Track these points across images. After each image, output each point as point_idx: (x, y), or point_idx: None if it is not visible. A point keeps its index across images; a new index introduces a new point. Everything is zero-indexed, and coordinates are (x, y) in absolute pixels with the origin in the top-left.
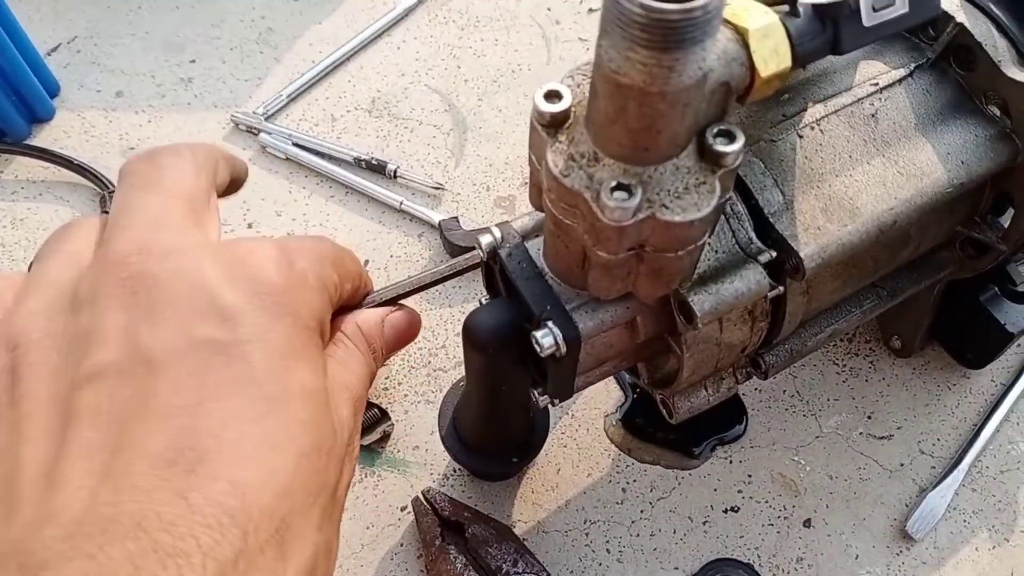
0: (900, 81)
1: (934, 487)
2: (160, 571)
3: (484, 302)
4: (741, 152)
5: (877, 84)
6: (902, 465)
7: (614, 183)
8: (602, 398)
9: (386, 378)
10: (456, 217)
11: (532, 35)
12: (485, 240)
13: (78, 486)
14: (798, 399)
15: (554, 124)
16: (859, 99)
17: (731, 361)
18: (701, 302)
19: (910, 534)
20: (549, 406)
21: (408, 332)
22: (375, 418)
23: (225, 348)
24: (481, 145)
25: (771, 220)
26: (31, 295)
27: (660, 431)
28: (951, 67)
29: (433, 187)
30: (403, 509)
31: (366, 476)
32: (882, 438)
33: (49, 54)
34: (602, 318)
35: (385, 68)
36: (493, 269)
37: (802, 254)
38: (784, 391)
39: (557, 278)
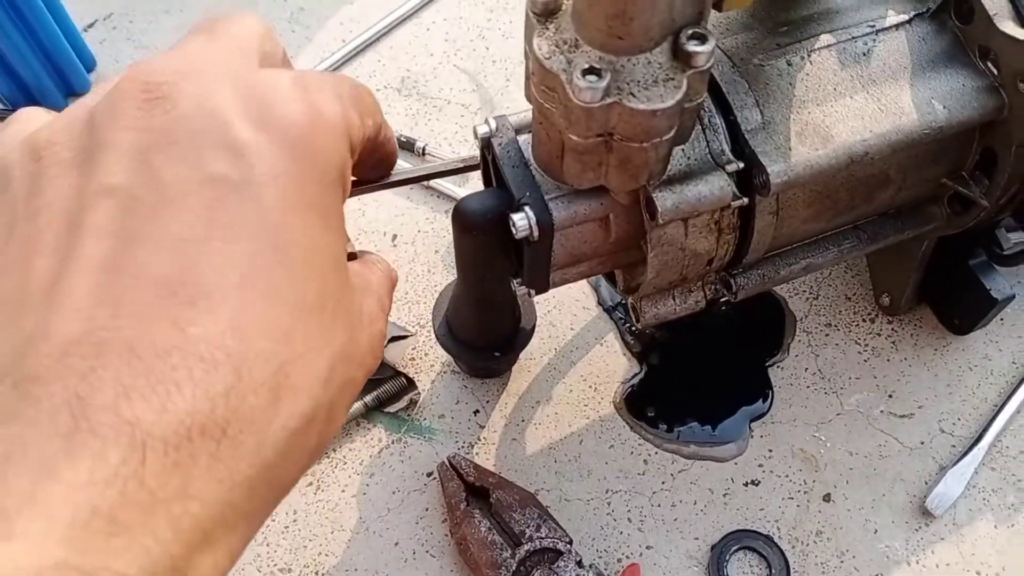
0: (898, 26)
1: (953, 465)
2: (149, 395)
3: None
4: (711, 55)
5: (874, 26)
6: (922, 443)
7: (586, 66)
8: (623, 373)
9: (413, 348)
10: (480, 191)
11: None
12: (481, 130)
13: (78, 306)
14: (820, 377)
15: (546, 13)
16: (854, 37)
17: (698, 272)
18: (664, 199)
19: (929, 511)
20: (535, 309)
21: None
22: (402, 386)
23: (237, 187)
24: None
25: (746, 136)
26: (66, 112)
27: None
28: (950, 18)
29: (454, 159)
30: (429, 475)
31: (393, 442)
32: (903, 416)
33: (86, 30)
34: (576, 210)
35: (414, 48)
36: (488, 163)
37: (769, 170)
38: (806, 368)
39: (541, 170)
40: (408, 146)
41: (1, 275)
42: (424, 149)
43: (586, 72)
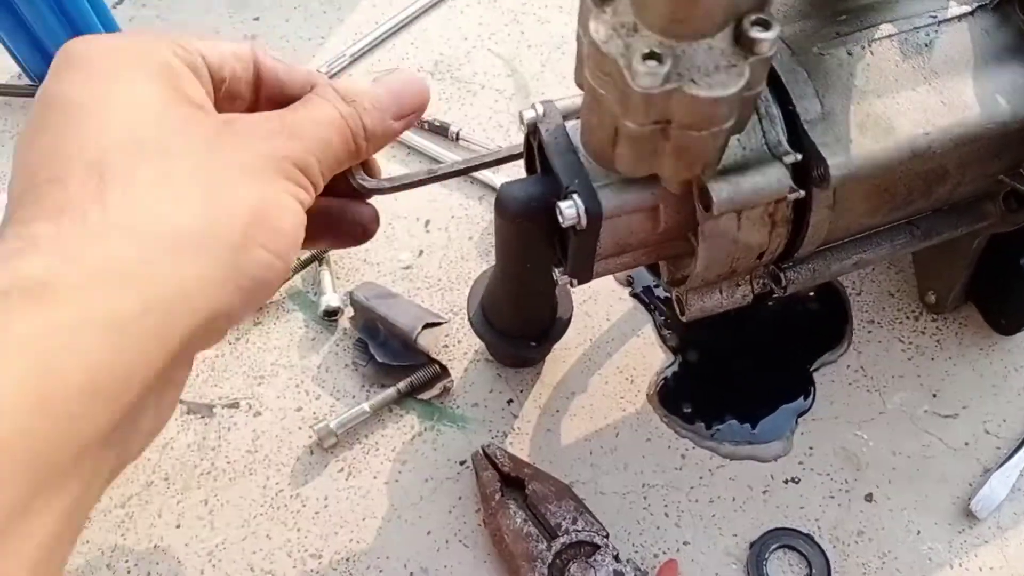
0: (961, 17)
1: (999, 467)
2: (37, 198)
3: None
4: (774, 42)
5: (936, 17)
6: (966, 444)
7: (646, 50)
8: (660, 366)
9: (446, 336)
10: (523, 178)
11: None
12: (528, 115)
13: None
14: (862, 374)
15: None
16: (915, 28)
17: (748, 266)
18: (720, 190)
19: (973, 513)
20: (572, 300)
21: (408, 90)
22: (435, 373)
23: (45, 112)
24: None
25: (805, 127)
26: None
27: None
28: (1015, 12)
29: (494, 151)
30: (462, 463)
31: (426, 430)
32: (947, 417)
33: (115, 7)
34: (626, 199)
35: (448, 32)
36: (533, 149)
37: (829, 162)
38: (848, 366)
39: (590, 157)
40: (442, 131)
41: None
42: (458, 134)
43: (646, 57)
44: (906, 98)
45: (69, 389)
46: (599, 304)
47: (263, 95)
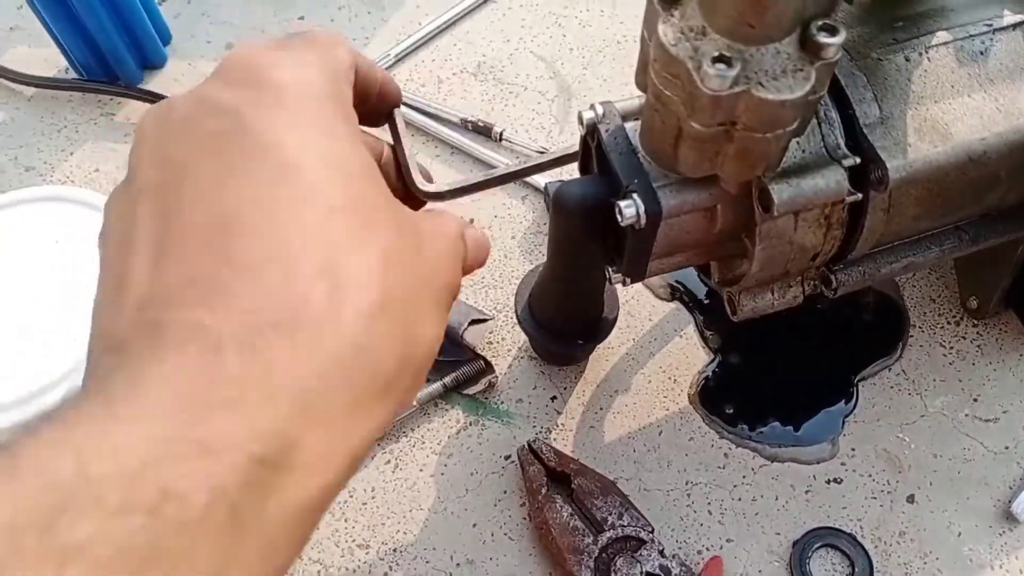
0: (1015, 26)
1: None
2: (211, 306)
3: None
4: (840, 47)
5: (991, 26)
6: (1007, 448)
7: (716, 54)
8: (703, 366)
9: (491, 332)
10: (561, 181)
11: (638, 6)
12: (587, 116)
13: (141, 275)
14: (904, 377)
15: (670, 0)
16: (971, 35)
17: (801, 267)
18: (780, 191)
19: (1014, 515)
20: (618, 295)
21: (483, 248)
22: (480, 369)
23: (230, 134)
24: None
25: (864, 131)
26: None
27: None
28: None
29: (538, 151)
30: (506, 458)
31: (471, 424)
32: (988, 420)
33: (162, 3)
34: (685, 198)
35: (491, 33)
36: (590, 150)
37: (888, 165)
38: (890, 368)
39: (649, 157)
40: (485, 131)
41: (107, 271)
42: (501, 135)
43: (716, 60)
44: (962, 104)
45: None
46: (642, 304)
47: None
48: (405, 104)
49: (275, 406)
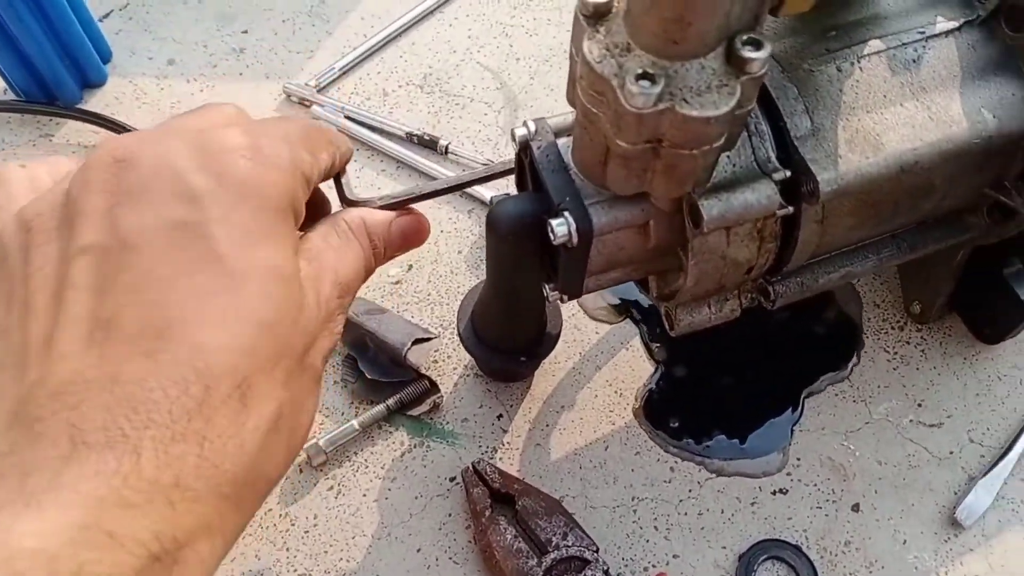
0: (948, 33)
1: (983, 476)
2: (132, 415)
3: None
4: (766, 61)
5: (923, 33)
6: (951, 453)
7: (640, 71)
8: (647, 377)
9: (436, 351)
10: (507, 194)
11: None
12: (519, 133)
13: (66, 355)
14: (848, 384)
15: (596, 15)
16: (903, 44)
17: (736, 281)
18: (710, 207)
19: (959, 521)
20: (561, 311)
21: (416, 236)
22: (425, 389)
23: (192, 228)
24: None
25: (795, 143)
26: (52, 186)
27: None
28: (1000, 27)
29: (484, 164)
30: (452, 480)
31: (415, 447)
32: (932, 426)
33: (102, 20)
34: (617, 215)
35: (437, 44)
36: (524, 165)
37: (819, 178)
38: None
39: (581, 174)
40: (431, 144)
41: (6, 335)
42: (447, 148)
43: (639, 77)
44: (894, 114)
45: None
46: (588, 318)
47: None
48: (349, 119)
49: (175, 514)
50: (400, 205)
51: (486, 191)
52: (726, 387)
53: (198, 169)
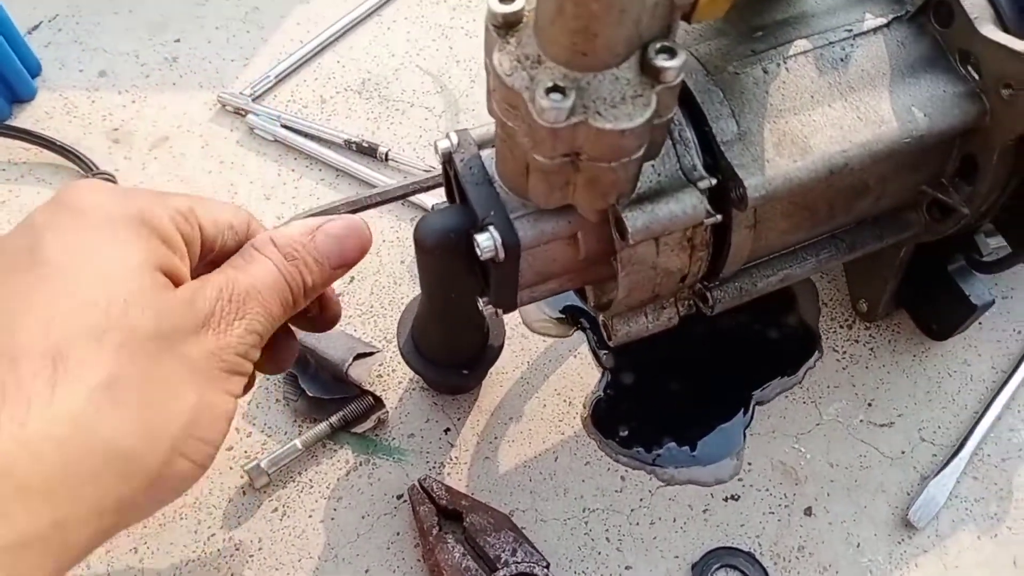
0: (876, 30)
1: (935, 475)
2: None
3: None
4: (681, 70)
5: (851, 31)
6: (903, 453)
7: (550, 84)
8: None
9: (380, 365)
10: (442, 208)
11: None
12: (442, 145)
13: None
14: (798, 386)
15: (506, 25)
16: (831, 43)
17: (671, 289)
18: (635, 219)
19: (912, 522)
20: (503, 322)
21: (351, 238)
22: (369, 405)
23: (26, 248)
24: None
25: (722, 148)
26: None
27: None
28: (930, 22)
29: (425, 170)
30: (399, 498)
31: (361, 464)
32: (883, 425)
33: (30, 32)
34: (543, 228)
35: (375, 49)
36: (450, 179)
37: (747, 183)
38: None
39: (506, 187)
40: (370, 151)
41: None
42: (387, 155)
43: (550, 90)
44: (822, 115)
45: None
46: None
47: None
48: (286, 127)
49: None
50: (326, 214)
51: (429, 199)
52: (675, 393)
53: (46, 210)
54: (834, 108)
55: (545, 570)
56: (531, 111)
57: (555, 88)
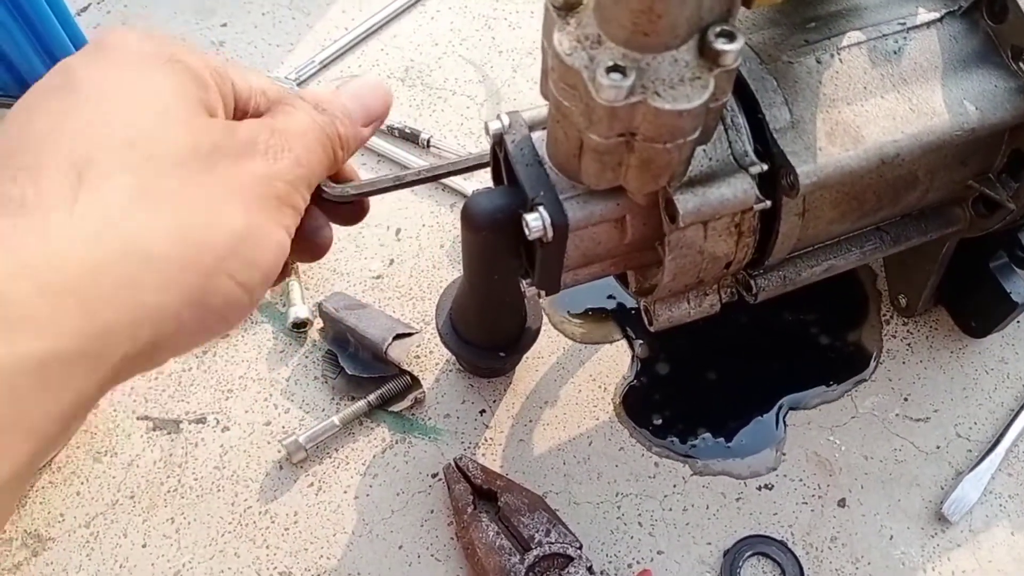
0: (929, 24)
1: (970, 470)
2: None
3: None
4: (739, 53)
5: (904, 24)
6: (938, 448)
7: (610, 63)
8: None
9: (417, 346)
10: (489, 189)
11: None
12: (493, 126)
13: None
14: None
15: (566, 7)
16: (884, 35)
17: (715, 275)
18: (686, 201)
19: (946, 517)
20: (542, 307)
21: (370, 95)
22: (406, 384)
23: (63, 83)
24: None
25: (775, 135)
26: None
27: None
28: (982, 18)
29: (462, 158)
30: (434, 476)
31: (397, 442)
32: (918, 420)
33: (79, 14)
34: (592, 210)
35: (418, 37)
36: (499, 161)
37: (799, 171)
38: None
39: (556, 168)
40: (412, 138)
41: None
42: (429, 141)
43: (610, 70)
44: (875, 105)
45: None
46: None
47: None
48: None
49: None
50: (377, 193)
51: (468, 184)
52: (712, 383)
53: (81, 52)
54: (887, 99)
55: (578, 551)
56: (590, 90)
57: (615, 68)
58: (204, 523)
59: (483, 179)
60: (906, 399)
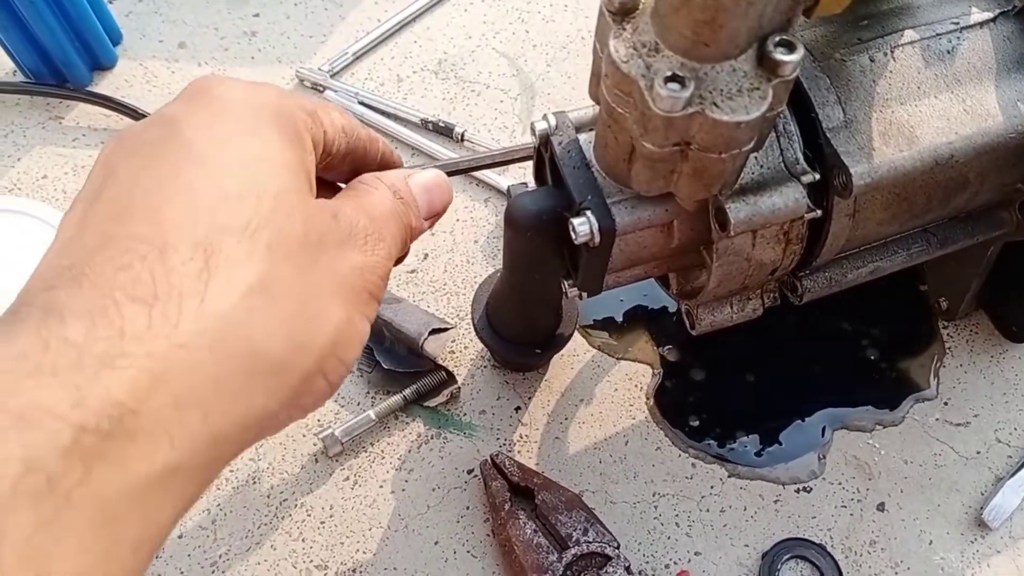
0: (982, 24)
1: (1011, 476)
2: (126, 264)
3: None
4: (798, 64)
5: (957, 24)
6: (978, 453)
7: (669, 73)
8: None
9: (453, 341)
10: (525, 183)
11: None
12: (540, 127)
13: (77, 239)
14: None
15: (622, 12)
16: (937, 34)
17: (759, 281)
18: (737, 210)
19: (986, 522)
20: (578, 303)
21: (436, 190)
22: (442, 380)
23: (166, 137)
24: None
25: (828, 135)
26: None
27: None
28: None
29: (497, 151)
30: (470, 472)
31: (432, 438)
32: (958, 425)
33: (112, 1)
34: (640, 215)
35: (452, 30)
36: (543, 158)
37: (852, 171)
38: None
39: (603, 172)
40: (446, 131)
41: None
42: (463, 135)
43: (668, 80)
44: (929, 106)
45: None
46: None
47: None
48: (363, 104)
49: (114, 373)
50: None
51: (502, 179)
52: (750, 386)
53: (178, 102)
54: (940, 99)
55: (616, 551)
56: (647, 99)
57: (674, 77)
58: (240, 515)
59: (516, 174)
60: (946, 403)
